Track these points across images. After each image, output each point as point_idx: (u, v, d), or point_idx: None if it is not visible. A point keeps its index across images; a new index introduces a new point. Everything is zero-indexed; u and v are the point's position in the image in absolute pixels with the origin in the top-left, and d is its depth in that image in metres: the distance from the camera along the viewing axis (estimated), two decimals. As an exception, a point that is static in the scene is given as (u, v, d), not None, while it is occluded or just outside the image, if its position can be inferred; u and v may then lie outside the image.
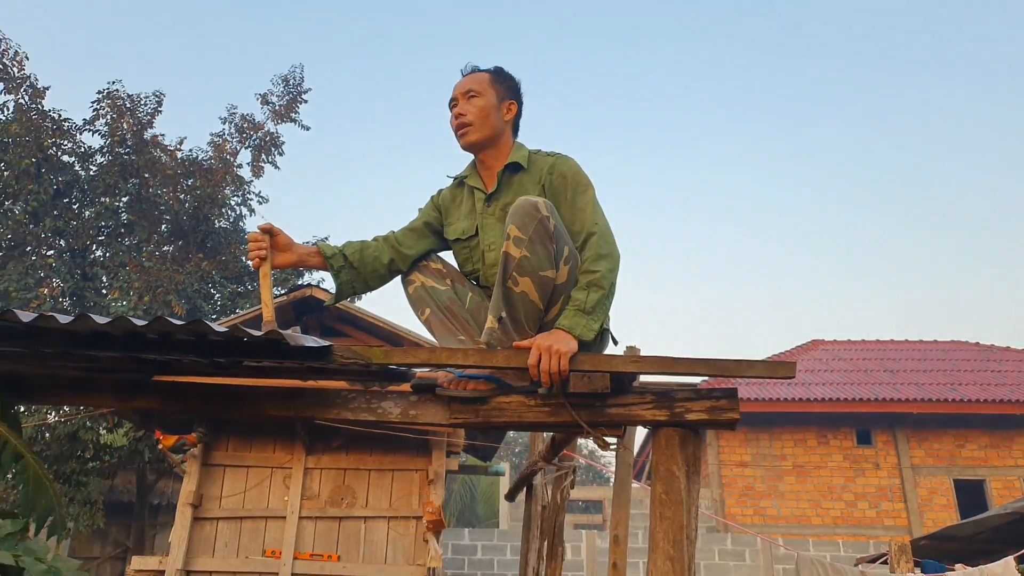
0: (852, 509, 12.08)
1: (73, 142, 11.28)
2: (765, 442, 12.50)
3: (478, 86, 2.10)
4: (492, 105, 2.09)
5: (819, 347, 15.36)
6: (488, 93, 2.10)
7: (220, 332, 1.63)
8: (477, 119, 2.07)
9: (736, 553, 10.66)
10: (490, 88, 2.11)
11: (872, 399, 12.23)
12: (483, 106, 2.08)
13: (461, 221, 2.14)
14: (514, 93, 2.16)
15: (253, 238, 1.98)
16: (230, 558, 6.02)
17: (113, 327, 1.59)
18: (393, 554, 6.09)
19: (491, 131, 2.09)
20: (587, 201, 2.00)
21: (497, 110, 2.10)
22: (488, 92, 2.10)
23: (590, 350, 1.85)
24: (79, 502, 8.56)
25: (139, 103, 11.56)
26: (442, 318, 2.09)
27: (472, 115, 2.07)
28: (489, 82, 2.12)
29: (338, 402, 1.87)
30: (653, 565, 1.68)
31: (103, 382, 1.95)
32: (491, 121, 2.08)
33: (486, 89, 2.10)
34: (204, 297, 10.63)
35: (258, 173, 12.34)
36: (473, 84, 2.11)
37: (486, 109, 2.08)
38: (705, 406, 1.78)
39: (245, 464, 6.37)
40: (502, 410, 1.85)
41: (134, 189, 11.07)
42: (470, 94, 2.09)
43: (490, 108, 2.09)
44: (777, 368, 1.74)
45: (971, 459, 12.35)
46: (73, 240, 10.75)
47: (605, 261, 1.89)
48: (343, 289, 2.13)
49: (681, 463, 1.76)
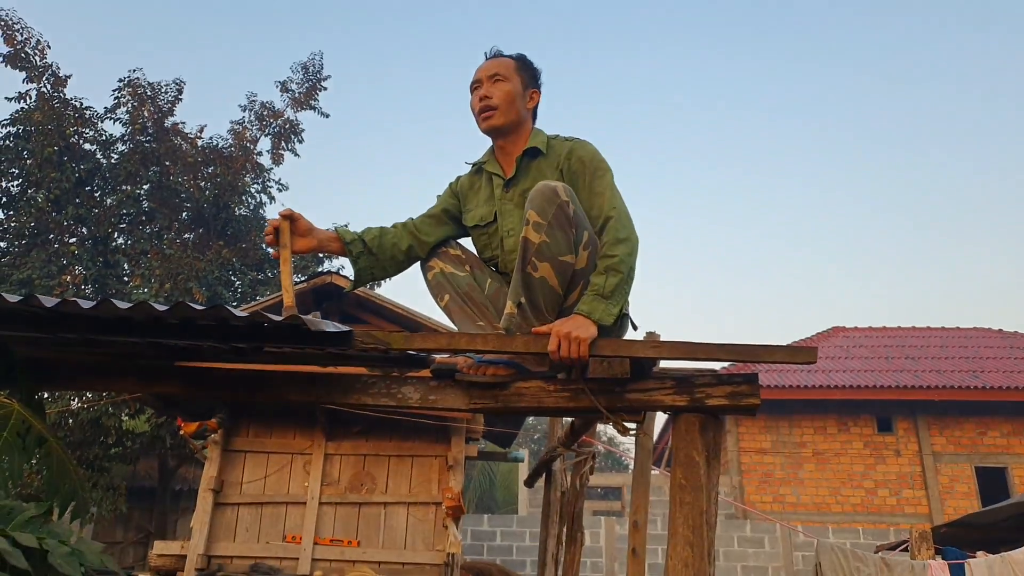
0: (872, 497, 12.00)
1: (95, 130, 11.39)
2: (785, 429, 12.43)
3: (505, 70, 2.09)
4: (518, 91, 2.09)
5: (840, 334, 15.21)
6: (514, 79, 2.09)
7: (241, 317, 1.64)
8: (503, 103, 2.06)
9: (755, 540, 10.64)
10: (516, 75, 2.10)
11: (893, 386, 12.11)
12: (509, 91, 2.07)
13: (480, 207, 2.13)
14: (536, 82, 2.15)
15: (272, 223, 2.00)
16: (251, 543, 6.11)
17: (135, 312, 1.60)
18: (412, 540, 6.14)
19: (516, 116, 2.08)
20: (605, 185, 1.98)
21: (522, 97, 2.10)
22: (514, 78, 2.09)
23: (609, 335, 1.83)
24: (102, 487, 8.71)
25: (160, 91, 11.63)
26: (461, 304, 2.09)
27: (498, 98, 2.06)
28: (515, 68, 2.11)
29: (358, 387, 1.87)
30: (672, 551, 1.68)
31: (126, 367, 1.97)
32: (516, 107, 2.08)
33: (512, 75, 2.09)
34: (224, 284, 10.73)
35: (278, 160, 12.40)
36: (500, 68, 2.09)
37: (512, 94, 2.07)
38: (725, 391, 1.77)
39: (265, 450, 6.44)
40: (521, 395, 1.85)
41: (155, 177, 11.17)
42: (496, 78, 2.08)
43: (516, 94, 2.08)
44: (798, 353, 1.72)
45: (993, 446, 12.21)
46: (95, 228, 10.88)
47: (623, 245, 1.87)
48: (362, 275, 2.14)
49: (701, 449, 1.75)
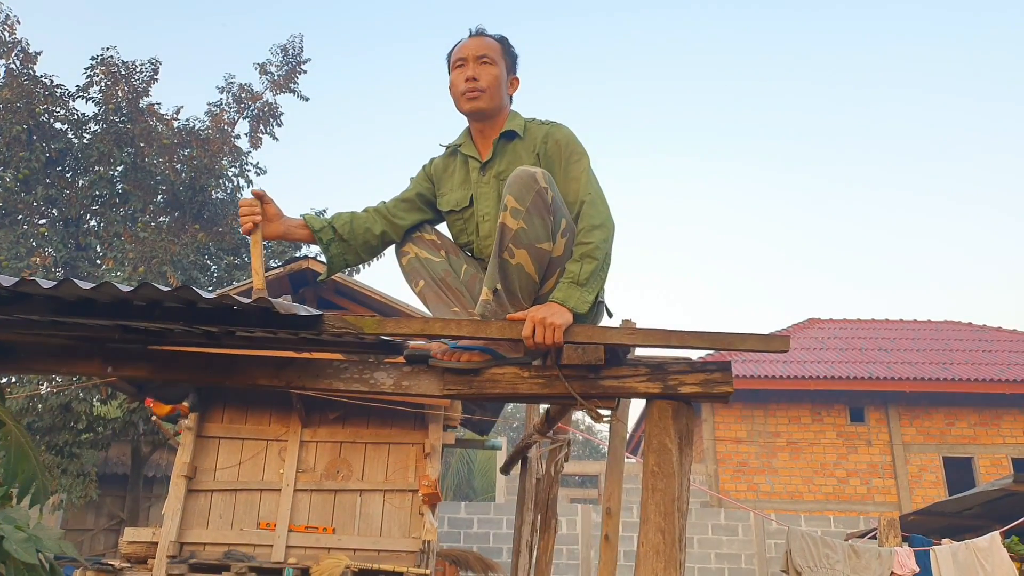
0: (844, 485, 12.21)
1: (66, 109, 11.13)
2: (760, 418, 12.58)
3: (493, 53, 2.05)
4: (503, 76, 2.06)
5: (815, 325, 15.41)
6: (500, 63, 2.06)
7: (209, 299, 1.61)
8: (491, 87, 2.02)
9: (729, 528, 10.78)
10: (502, 58, 2.07)
11: (865, 377, 12.31)
12: (497, 75, 2.04)
13: (454, 192, 2.10)
14: (516, 68, 2.14)
15: (246, 203, 1.95)
16: (224, 530, 6.06)
17: (99, 293, 1.56)
18: (388, 527, 6.13)
19: (499, 101, 2.05)
20: (581, 170, 1.96)
21: (506, 82, 2.07)
22: (500, 62, 2.06)
23: (584, 322, 1.83)
24: (72, 474, 8.57)
25: (134, 70, 11.39)
26: (436, 290, 2.07)
27: (486, 81, 2.02)
28: (501, 52, 2.07)
29: (330, 372, 1.85)
30: (644, 537, 1.68)
31: (91, 350, 1.93)
32: (500, 92, 2.05)
33: (499, 59, 2.06)
34: (200, 269, 10.59)
35: (256, 144, 12.22)
36: (488, 50, 2.05)
37: (499, 79, 2.04)
38: (699, 379, 1.77)
39: (240, 436, 6.38)
40: (496, 381, 1.84)
41: (129, 158, 10.95)
42: (484, 59, 2.03)
43: (501, 79, 2.05)
44: (771, 342, 1.73)
45: (961, 437, 12.47)
46: (66, 209, 10.66)
47: (599, 231, 1.86)
48: (334, 262, 2.10)
49: (674, 436, 1.76)
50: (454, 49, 2.10)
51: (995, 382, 12.16)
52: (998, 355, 13.51)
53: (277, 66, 12.23)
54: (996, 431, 12.45)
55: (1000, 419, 12.49)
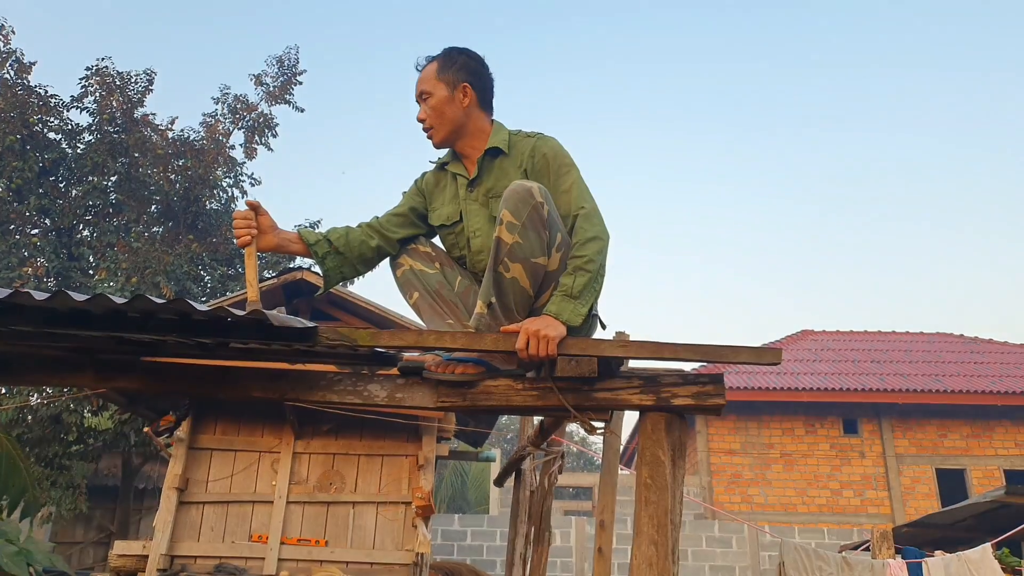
0: (837, 497, 12.22)
1: (60, 119, 11.12)
2: (754, 430, 12.59)
3: (427, 85, 2.03)
4: (444, 99, 2.01)
5: (809, 337, 15.47)
6: (437, 88, 2.02)
7: (203, 311, 1.61)
8: (434, 120, 2.02)
9: (723, 540, 10.76)
10: (438, 82, 2.02)
11: (858, 389, 12.35)
12: (435, 105, 2.02)
13: (445, 206, 2.11)
14: (467, 73, 2.03)
15: (240, 215, 1.94)
16: (216, 543, 6.01)
17: (92, 304, 1.56)
18: (381, 539, 6.09)
19: (452, 125, 2.03)
20: (572, 182, 1.96)
21: (451, 102, 2.01)
22: (437, 87, 2.02)
23: (578, 334, 1.84)
24: (62, 486, 8.49)
25: (129, 81, 11.40)
26: (431, 302, 2.07)
27: (429, 118, 2.03)
28: (436, 75, 2.03)
29: (323, 384, 1.85)
30: (637, 549, 1.68)
31: (83, 362, 1.92)
32: (448, 116, 2.02)
33: (435, 85, 2.02)
34: (194, 279, 10.56)
35: (251, 155, 12.24)
36: (424, 85, 2.04)
37: (439, 107, 2.01)
38: (691, 391, 1.78)
39: (233, 448, 6.34)
40: (490, 394, 1.84)
41: (123, 168, 10.94)
42: (423, 95, 2.04)
43: (443, 104, 2.01)
44: (763, 354, 1.74)
45: (953, 448, 12.51)
46: (59, 219, 10.63)
47: (593, 244, 1.87)
48: (331, 275, 2.10)
49: (667, 448, 1.76)
50: None
51: (987, 394, 12.22)
52: (990, 367, 13.58)
53: (273, 77, 12.27)
54: (988, 443, 12.50)
55: (992, 431, 12.54)
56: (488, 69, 2.10)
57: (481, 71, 2.07)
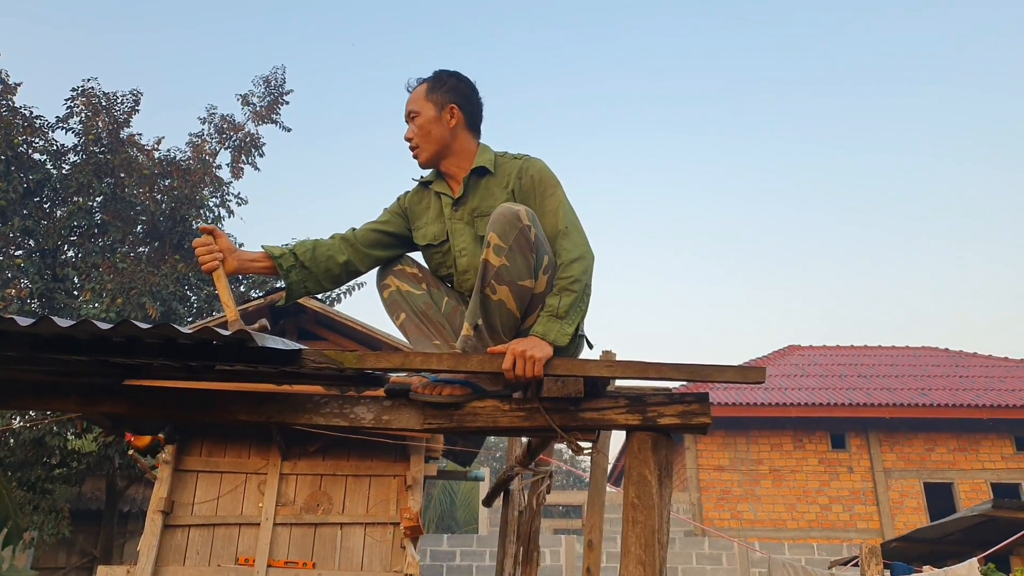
0: (826, 512, 12.23)
1: (45, 140, 11.07)
2: (742, 446, 12.61)
3: (415, 105, 2.07)
4: (432, 119, 2.05)
5: (795, 352, 15.55)
6: (425, 108, 2.06)
7: (189, 335, 1.61)
8: (421, 140, 2.05)
9: (713, 557, 10.72)
10: (426, 102, 2.06)
11: (846, 404, 12.41)
12: (422, 124, 2.05)
13: (430, 225, 2.11)
14: (456, 94, 2.08)
15: (201, 243, 1.93)
16: (202, 566, 5.93)
17: (77, 330, 1.56)
18: (370, 561, 6.03)
19: (438, 145, 2.06)
20: (557, 203, 1.98)
21: (438, 121, 2.04)
22: (425, 107, 2.06)
23: (565, 354, 1.85)
24: (44, 510, 8.35)
25: (115, 101, 11.39)
26: (417, 323, 2.07)
27: (416, 137, 2.06)
28: (425, 95, 2.07)
29: (309, 407, 1.85)
30: (624, 570, 1.68)
31: (67, 387, 1.91)
32: (434, 136, 2.05)
33: (423, 105, 2.06)
34: (180, 300, 10.48)
35: (238, 174, 12.22)
36: (412, 105, 2.08)
37: (426, 126, 2.05)
38: (677, 410, 1.79)
39: (219, 470, 6.28)
40: (476, 415, 1.84)
41: (109, 189, 10.89)
42: (412, 115, 2.08)
43: (430, 123, 2.04)
44: (747, 373, 1.75)
45: (940, 462, 12.57)
46: (43, 240, 10.54)
47: (578, 264, 1.88)
48: (294, 288, 2.08)
49: (653, 467, 1.77)
50: None
51: (973, 407, 12.31)
52: (975, 380, 13.70)
53: (259, 97, 12.29)
54: (975, 456, 12.58)
55: (979, 444, 12.62)
56: (477, 93, 2.14)
57: (470, 94, 2.11)
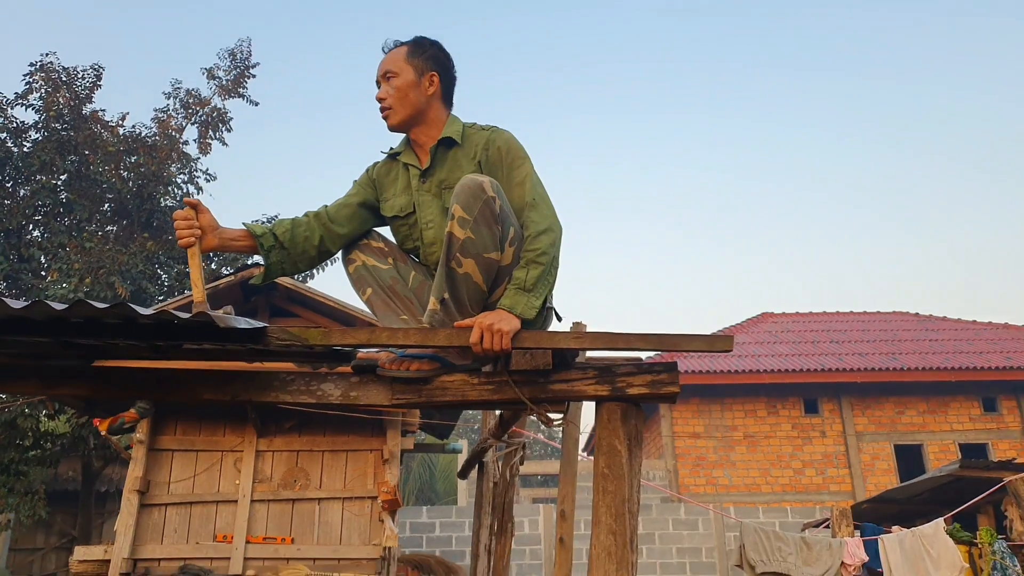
0: (800, 476, 12.51)
1: (4, 117, 10.75)
2: (717, 413, 12.81)
3: (395, 65, 2.03)
4: (410, 82, 2.01)
5: (769, 319, 15.76)
6: (405, 71, 2.02)
7: (148, 315, 1.57)
8: (395, 101, 2.01)
9: (689, 523, 10.95)
10: (407, 65, 2.02)
11: (818, 369, 12.63)
12: (400, 86, 2.01)
13: (398, 197, 2.09)
14: (436, 63, 2.06)
15: (181, 215, 1.88)
16: (180, 544, 5.92)
17: (31, 311, 1.52)
18: (348, 534, 6.07)
19: (412, 110, 2.02)
20: (524, 175, 1.96)
21: (416, 86, 2.01)
22: (405, 69, 2.02)
23: (533, 327, 1.84)
24: (19, 492, 8.29)
25: (76, 77, 11.07)
26: (384, 298, 2.05)
27: (391, 98, 2.01)
28: (406, 57, 2.03)
29: (276, 385, 1.83)
30: (595, 539, 1.70)
31: (26, 369, 1.87)
32: (410, 99, 2.01)
33: (403, 67, 2.02)
34: (150, 278, 10.32)
35: (205, 150, 11.99)
36: (390, 64, 2.03)
37: (404, 88, 2.00)
38: (646, 380, 1.80)
39: (194, 448, 6.25)
40: (445, 389, 1.84)
41: (73, 167, 10.63)
42: (388, 75, 2.02)
43: (408, 86, 2.01)
44: (715, 342, 1.76)
45: (910, 424, 12.89)
46: (7, 220, 10.28)
47: (545, 236, 1.87)
48: (272, 269, 2.06)
49: (623, 437, 1.78)
50: None
51: (942, 370, 12.60)
52: (944, 344, 14.00)
53: (225, 71, 12.01)
54: (944, 418, 12.91)
55: (947, 406, 12.95)
56: (454, 67, 2.12)
57: (448, 65, 2.09)
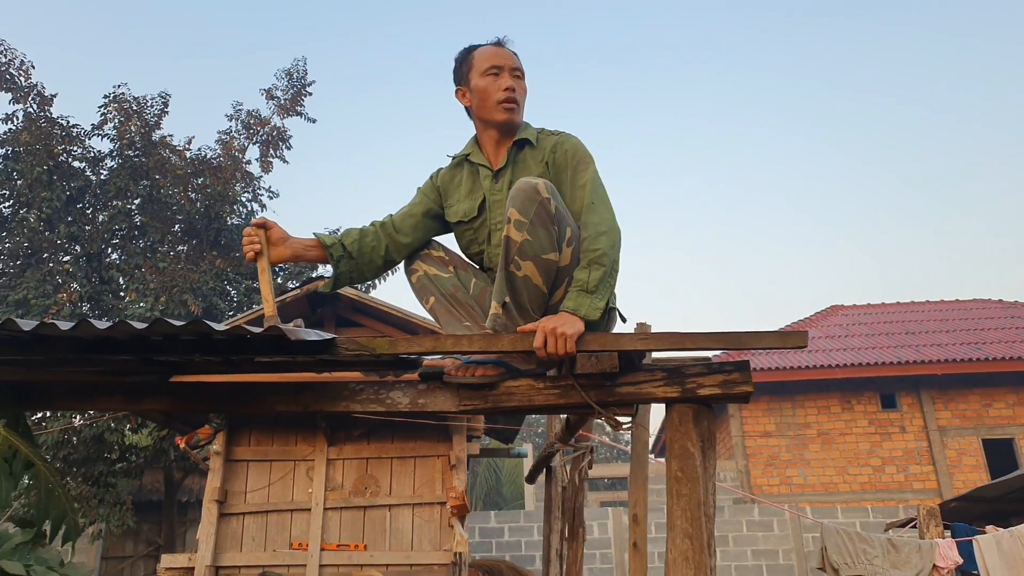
0: (880, 474, 12.01)
1: (83, 147, 11.34)
2: (788, 410, 12.43)
3: (522, 68, 2.12)
4: (526, 87, 2.12)
5: (839, 312, 15.21)
6: (525, 78, 2.12)
7: (222, 331, 1.62)
8: (521, 99, 2.09)
9: (764, 523, 10.64)
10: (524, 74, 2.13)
11: (894, 362, 12.11)
12: (525, 87, 2.11)
13: (462, 202, 2.11)
14: None
15: (247, 233, 1.96)
16: (258, 552, 6.11)
17: (114, 331, 1.58)
18: (419, 540, 6.14)
19: (522, 117, 2.11)
20: (588, 178, 1.97)
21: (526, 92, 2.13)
22: (525, 76, 2.12)
23: (597, 329, 1.82)
24: (108, 503, 8.70)
25: (145, 105, 11.58)
26: (447, 306, 2.07)
27: (521, 96, 2.09)
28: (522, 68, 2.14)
29: (346, 394, 1.86)
30: (671, 543, 1.66)
31: (112, 386, 1.96)
32: (523, 107, 2.11)
33: (524, 74, 2.12)
34: (220, 295, 10.70)
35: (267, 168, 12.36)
36: (519, 63, 2.11)
37: (525, 90, 2.12)
38: (717, 380, 1.75)
39: (268, 458, 6.44)
40: (511, 394, 1.83)
41: (145, 191, 11.12)
42: (516, 73, 2.09)
43: (526, 90, 2.12)
44: (788, 338, 1.70)
45: (999, 418, 12.21)
46: (88, 245, 10.84)
47: (605, 237, 1.85)
48: (341, 278, 2.11)
49: (695, 439, 1.74)
50: (475, 54, 2.09)
51: (1031, 359, 11.90)
52: (1032, 331, 13.23)
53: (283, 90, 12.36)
54: (1035, 409, 12.19)
55: (1038, 398, 12.22)
56: None
57: None
